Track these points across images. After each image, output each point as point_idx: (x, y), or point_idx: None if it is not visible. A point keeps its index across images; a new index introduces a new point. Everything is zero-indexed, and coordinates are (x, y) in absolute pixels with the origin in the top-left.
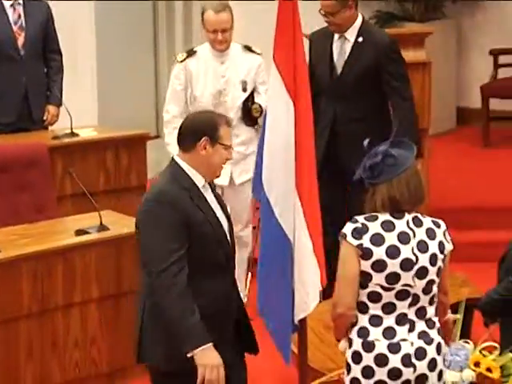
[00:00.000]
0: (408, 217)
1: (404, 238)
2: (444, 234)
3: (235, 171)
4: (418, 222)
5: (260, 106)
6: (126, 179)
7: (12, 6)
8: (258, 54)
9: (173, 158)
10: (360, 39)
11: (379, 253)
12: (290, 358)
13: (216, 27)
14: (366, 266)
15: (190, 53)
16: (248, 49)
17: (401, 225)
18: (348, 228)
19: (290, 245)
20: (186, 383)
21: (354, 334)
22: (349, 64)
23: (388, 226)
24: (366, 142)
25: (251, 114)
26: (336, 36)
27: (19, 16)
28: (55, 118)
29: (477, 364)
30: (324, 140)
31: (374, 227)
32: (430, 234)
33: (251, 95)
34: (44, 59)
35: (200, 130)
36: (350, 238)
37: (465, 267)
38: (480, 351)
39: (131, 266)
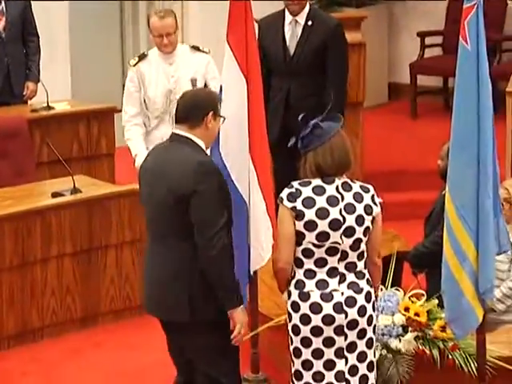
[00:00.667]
0: (338, 182)
1: (333, 200)
2: (372, 198)
3: None
4: (347, 187)
5: None
6: (96, 147)
7: None
8: (206, 52)
9: (181, 135)
10: (309, 22)
11: (310, 214)
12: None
13: (161, 32)
14: (300, 225)
15: (142, 57)
16: (196, 48)
17: (330, 189)
18: (284, 193)
19: (245, 206)
20: (227, 333)
21: (292, 287)
22: (301, 45)
23: (319, 190)
24: (300, 117)
25: None
26: (287, 20)
27: (0, 2)
28: (34, 94)
29: (406, 309)
30: (279, 115)
31: (307, 191)
32: (358, 197)
33: None
34: (23, 41)
35: (206, 105)
36: (285, 202)
37: (395, 224)
38: (409, 298)
39: (101, 225)
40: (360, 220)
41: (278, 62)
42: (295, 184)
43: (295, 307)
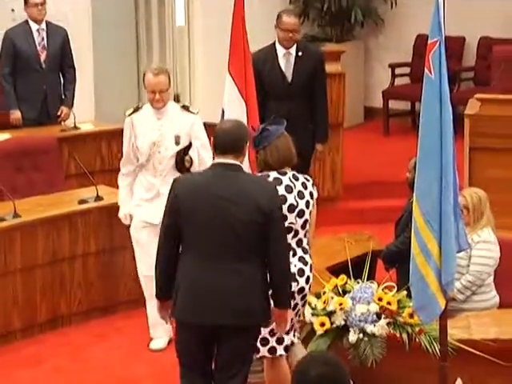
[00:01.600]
0: (289, 174)
1: (288, 189)
2: (312, 186)
3: None
4: (295, 178)
5: (191, 158)
6: (115, 162)
7: (38, 30)
8: (194, 113)
9: (231, 163)
10: (300, 53)
11: None
12: None
13: (154, 88)
14: None
15: (136, 109)
16: (186, 108)
17: (285, 179)
18: None
19: None
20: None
21: None
22: (296, 72)
23: (277, 181)
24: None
25: (183, 163)
26: (280, 53)
27: (42, 38)
28: (67, 117)
29: (380, 299)
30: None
31: None
32: (304, 185)
33: (187, 148)
34: (61, 71)
35: (245, 137)
36: None
37: (370, 227)
38: (382, 290)
39: (120, 228)
40: (307, 204)
41: (278, 88)
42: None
43: None
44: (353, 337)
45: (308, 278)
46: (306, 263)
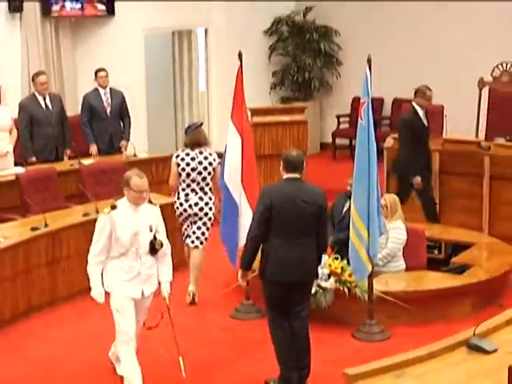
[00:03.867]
0: (197, 150)
1: (193, 158)
2: (214, 158)
3: (145, 287)
4: (201, 152)
5: (161, 242)
6: (161, 178)
7: (104, 93)
8: (155, 204)
9: (298, 177)
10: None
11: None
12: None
13: (141, 188)
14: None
15: (113, 207)
16: (150, 202)
17: (192, 153)
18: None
19: (237, 206)
20: None
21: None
22: None
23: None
24: None
25: (155, 247)
26: None
27: (107, 98)
28: (126, 148)
29: (330, 265)
30: None
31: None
32: (205, 157)
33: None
34: (121, 119)
35: (304, 161)
36: (174, 159)
37: None
38: (332, 260)
39: (167, 219)
40: (205, 168)
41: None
42: (179, 150)
43: None
44: (312, 289)
45: (211, 208)
46: (210, 198)
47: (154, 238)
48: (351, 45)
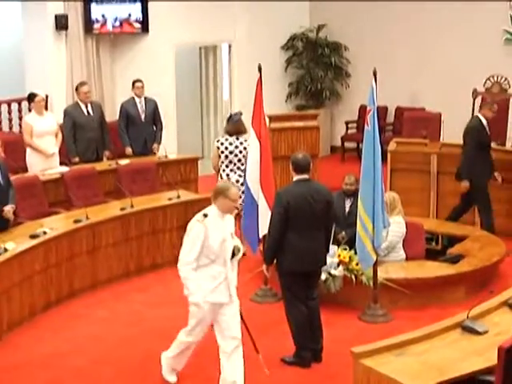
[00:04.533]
0: (234, 137)
1: (231, 143)
2: (246, 142)
3: (232, 290)
4: (237, 138)
5: (239, 247)
6: (189, 176)
7: (139, 101)
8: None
9: (308, 178)
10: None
11: None
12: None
13: (237, 198)
14: None
15: (205, 215)
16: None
17: (230, 139)
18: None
19: (255, 202)
20: None
21: None
22: None
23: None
24: None
25: (234, 253)
26: None
27: (142, 106)
28: (158, 150)
29: (339, 255)
30: None
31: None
32: (241, 143)
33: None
34: (154, 124)
35: (310, 162)
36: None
37: None
38: (341, 250)
39: (192, 213)
40: (241, 151)
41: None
42: (220, 137)
43: None
44: (323, 277)
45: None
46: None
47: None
48: (359, 59)
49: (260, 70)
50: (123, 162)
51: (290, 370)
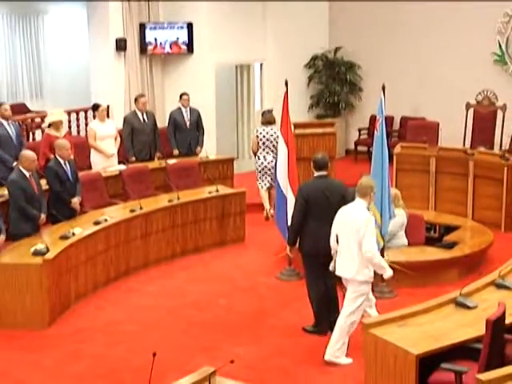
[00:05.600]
0: (270, 126)
1: (267, 132)
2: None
3: None
4: (271, 128)
5: None
6: (226, 174)
7: (185, 111)
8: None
9: (326, 174)
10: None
11: None
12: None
13: None
14: None
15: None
16: None
17: (267, 128)
18: None
19: (285, 196)
20: None
21: None
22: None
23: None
24: None
25: None
26: None
27: (187, 114)
28: (200, 152)
29: None
30: None
31: None
32: (273, 130)
33: None
34: (197, 130)
35: (328, 161)
36: None
37: None
38: None
39: (229, 204)
40: (272, 136)
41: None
42: (258, 127)
43: None
44: None
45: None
46: (274, 157)
47: None
48: (370, 76)
49: (286, 84)
50: (171, 161)
51: (310, 338)
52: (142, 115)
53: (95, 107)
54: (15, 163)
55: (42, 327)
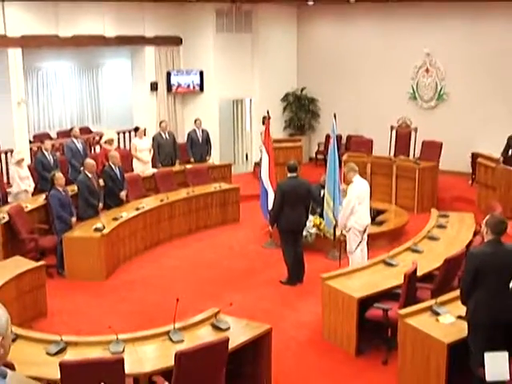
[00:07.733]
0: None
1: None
2: None
3: None
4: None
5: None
6: (226, 175)
7: (199, 131)
8: None
9: (296, 175)
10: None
11: None
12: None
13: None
14: None
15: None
16: None
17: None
18: None
19: (266, 190)
20: None
21: None
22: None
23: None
24: None
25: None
26: None
27: (200, 134)
28: (208, 159)
29: (314, 221)
30: None
31: None
32: None
33: None
34: (207, 144)
35: (297, 165)
36: None
37: None
38: (315, 218)
39: (229, 196)
40: None
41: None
42: None
43: None
44: (304, 233)
45: None
46: None
47: None
48: (325, 107)
49: (268, 113)
50: (188, 166)
51: (284, 288)
52: (165, 134)
53: (136, 129)
54: (82, 168)
55: (101, 280)
